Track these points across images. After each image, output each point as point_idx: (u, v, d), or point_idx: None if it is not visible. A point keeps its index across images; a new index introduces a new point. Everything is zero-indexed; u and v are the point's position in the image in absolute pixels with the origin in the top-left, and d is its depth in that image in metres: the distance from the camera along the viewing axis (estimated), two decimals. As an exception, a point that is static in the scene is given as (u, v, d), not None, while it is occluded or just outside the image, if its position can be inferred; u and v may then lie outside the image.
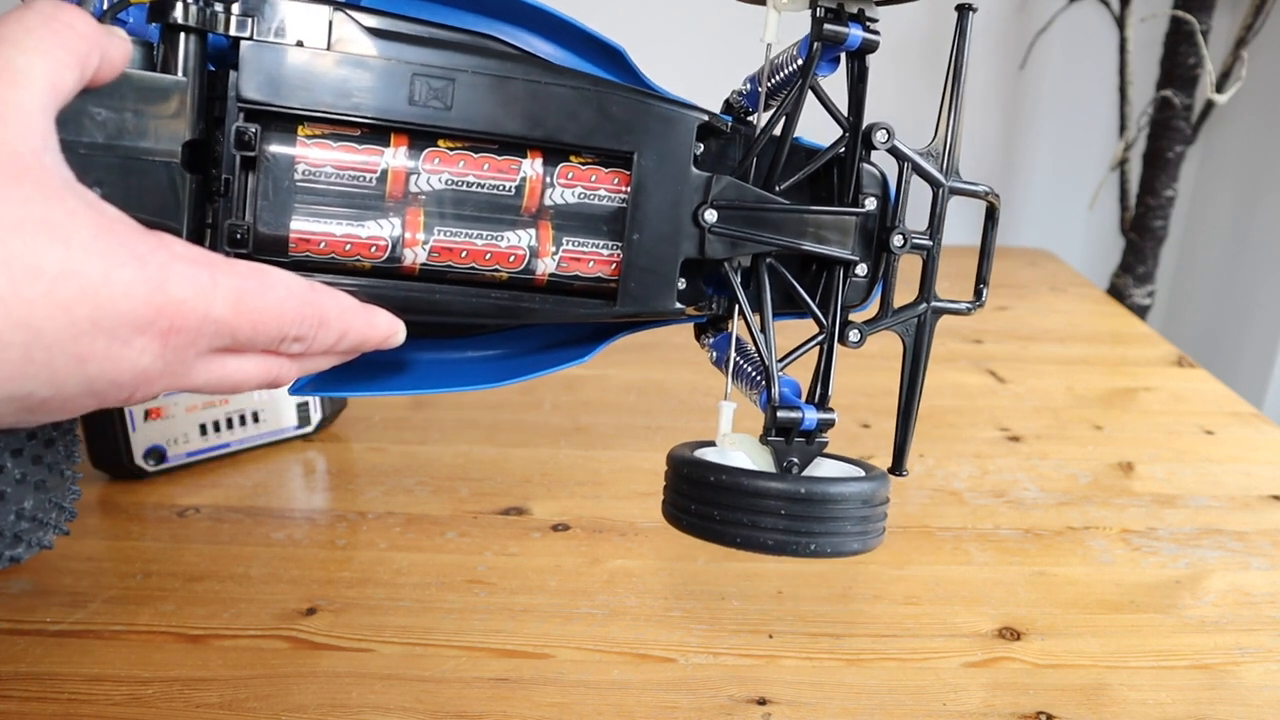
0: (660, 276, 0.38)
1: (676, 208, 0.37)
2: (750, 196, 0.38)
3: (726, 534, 0.35)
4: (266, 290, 0.30)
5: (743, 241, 0.38)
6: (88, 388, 0.27)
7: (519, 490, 0.66)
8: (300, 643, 0.50)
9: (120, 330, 0.26)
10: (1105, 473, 0.70)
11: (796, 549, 0.35)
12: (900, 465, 0.41)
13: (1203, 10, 1.19)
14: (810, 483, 0.35)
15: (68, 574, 0.55)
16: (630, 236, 0.37)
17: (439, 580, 0.55)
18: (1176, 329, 1.51)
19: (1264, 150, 1.36)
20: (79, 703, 0.45)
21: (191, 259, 0.28)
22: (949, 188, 0.39)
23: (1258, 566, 0.59)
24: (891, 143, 0.38)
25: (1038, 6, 1.38)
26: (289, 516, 0.62)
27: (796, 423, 0.37)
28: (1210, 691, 0.48)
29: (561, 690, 0.47)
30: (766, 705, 0.46)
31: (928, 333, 0.41)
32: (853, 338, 0.40)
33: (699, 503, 0.36)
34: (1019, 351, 0.95)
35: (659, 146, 0.36)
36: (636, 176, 0.36)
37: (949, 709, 0.46)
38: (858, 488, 0.36)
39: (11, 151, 0.25)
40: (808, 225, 0.39)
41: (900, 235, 0.39)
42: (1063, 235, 1.51)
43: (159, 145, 0.31)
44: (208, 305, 0.28)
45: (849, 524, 0.35)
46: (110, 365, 0.27)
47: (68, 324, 0.25)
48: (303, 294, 0.31)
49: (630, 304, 0.38)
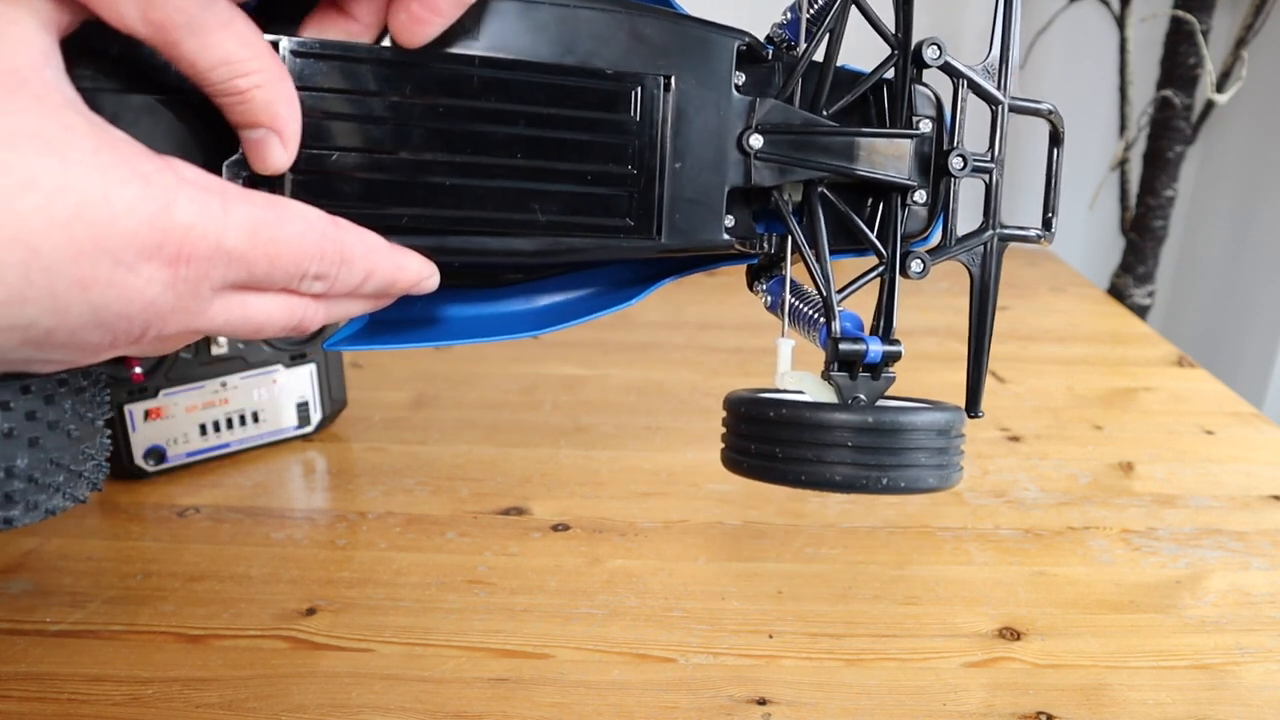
0: (706, 207, 0.36)
1: (720, 134, 0.36)
2: (797, 119, 0.36)
3: (790, 472, 0.33)
4: (284, 222, 0.28)
5: (791, 167, 0.36)
6: (94, 318, 0.26)
7: (519, 490, 0.66)
8: (300, 643, 0.50)
9: (124, 254, 0.25)
10: (1105, 473, 0.70)
11: (867, 484, 0.33)
12: (975, 405, 0.39)
13: (1203, 10, 1.19)
14: (880, 412, 0.33)
15: (68, 574, 0.55)
16: (672, 165, 0.35)
17: (439, 580, 0.55)
18: (1176, 329, 1.51)
19: (1264, 150, 1.36)
20: (79, 703, 0.45)
21: (201, 184, 0.27)
22: (1008, 104, 0.37)
23: (1258, 566, 0.59)
24: (944, 59, 0.36)
25: (1038, 6, 1.38)
26: (289, 516, 0.62)
27: (860, 355, 0.35)
28: (1210, 691, 0.48)
29: (561, 690, 0.47)
30: (766, 705, 0.46)
31: (995, 262, 0.39)
32: (915, 268, 0.37)
33: (759, 441, 0.34)
34: (1019, 351, 0.95)
35: (697, 71, 0.35)
36: (675, 102, 0.35)
37: (949, 709, 0.46)
38: (931, 416, 0.34)
39: (8, 65, 0.24)
40: (860, 150, 0.37)
41: (960, 157, 0.37)
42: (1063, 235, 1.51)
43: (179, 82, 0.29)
44: (219, 233, 0.27)
45: (924, 455, 0.33)
46: (116, 293, 0.26)
47: (67, 242, 0.24)
48: (324, 229, 0.30)
49: (676, 237, 0.36)
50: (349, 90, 0.31)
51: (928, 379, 0.85)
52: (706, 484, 0.67)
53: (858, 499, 0.65)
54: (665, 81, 0.35)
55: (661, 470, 0.68)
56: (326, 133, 0.31)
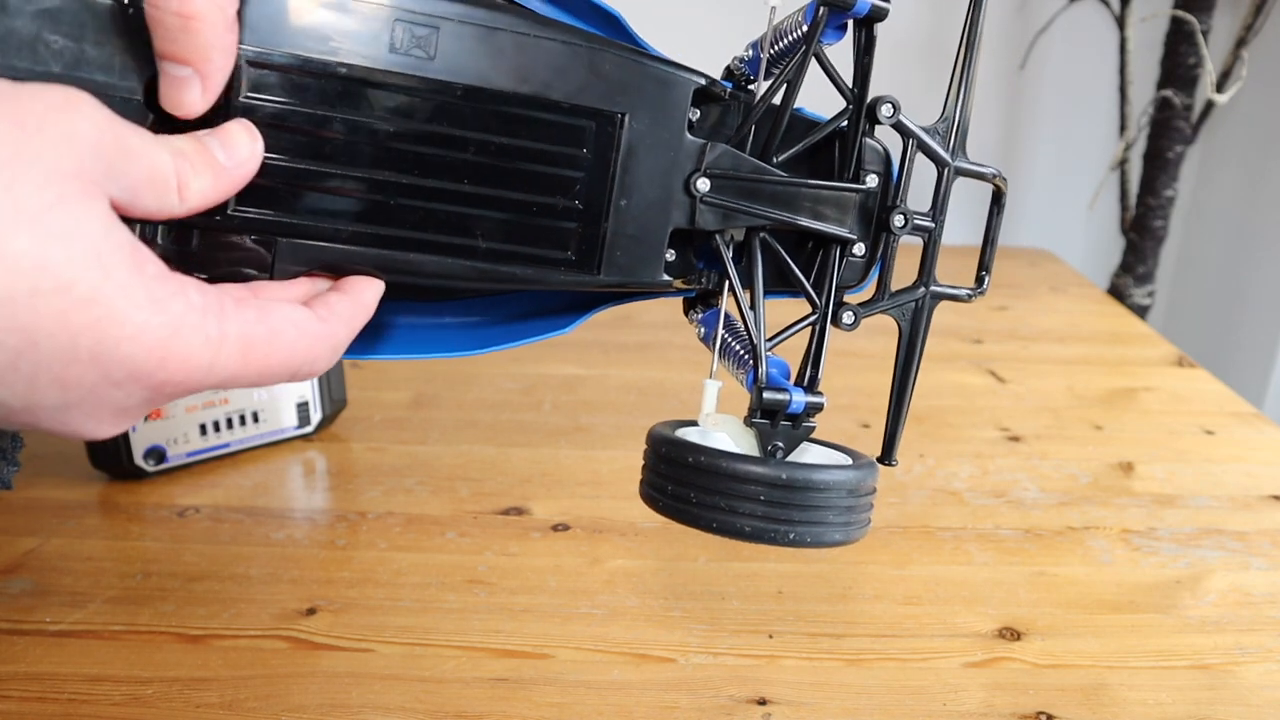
0: (648, 246, 0.36)
1: (668, 175, 0.36)
2: (746, 166, 0.36)
3: (702, 518, 0.34)
4: (275, 337, 0.29)
5: (736, 213, 0.37)
6: (59, 415, 0.27)
7: (519, 490, 0.66)
8: (300, 643, 0.49)
9: (116, 372, 0.26)
10: (1105, 473, 0.70)
11: (775, 537, 0.33)
12: (890, 454, 0.40)
13: (1203, 10, 1.19)
14: (793, 468, 0.34)
15: (68, 574, 0.55)
16: (618, 202, 0.35)
17: (439, 580, 0.55)
18: (1176, 329, 1.51)
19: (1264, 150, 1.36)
20: (79, 703, 0.45)
21: (205, 309, 0.27)
22: (955, 168, 0.38)
23: (1258, 566, 0.59)
24: (897, 117, 0.37)
25: (1038, 6, 1.38)
26: (289, 516, 0.62)
27: (783, 405, 0.36)
28: (1210, 691, 0.48)
29: (561, 690, 0.47)
30: (766, 705, 0.46)
31: (925, 318, 0.40)
32: (846, 319, 0.38)
33: (676, 483, 0.35)
34: (1019, 351, 0.95)
35: (651, 110, 0.35)
36: (626, 140, 0.35)
37: (949, 709, 0.46)
38: (843, 475, 0.34)
39: (75, 168, 0.25)
40: (805, 200, 0.37)
41: (901, 215, 0.38)
42: (1063, 235, 1.51)
43: (120, 80, 0.29)
44: (212, 361, 0.27)
45: (832, 513, 0.34)
46: (91, 400, 0.26)
47: (68, 348, 0.25)
48: (315, 329, 0.30)
49: (615, 273, 0.36)
50: (298, 103, 0.31)
51: (925, 379, 0.85)
52: (706, 484, 0.67)
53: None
54: (620, 119, 0.35)
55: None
56: (273, 143, 0.31)
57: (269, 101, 0.31)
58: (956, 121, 0.38)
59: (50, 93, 0.25)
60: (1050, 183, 1.49)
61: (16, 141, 0.24)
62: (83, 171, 0.25)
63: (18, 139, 0.24)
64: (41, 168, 0.24)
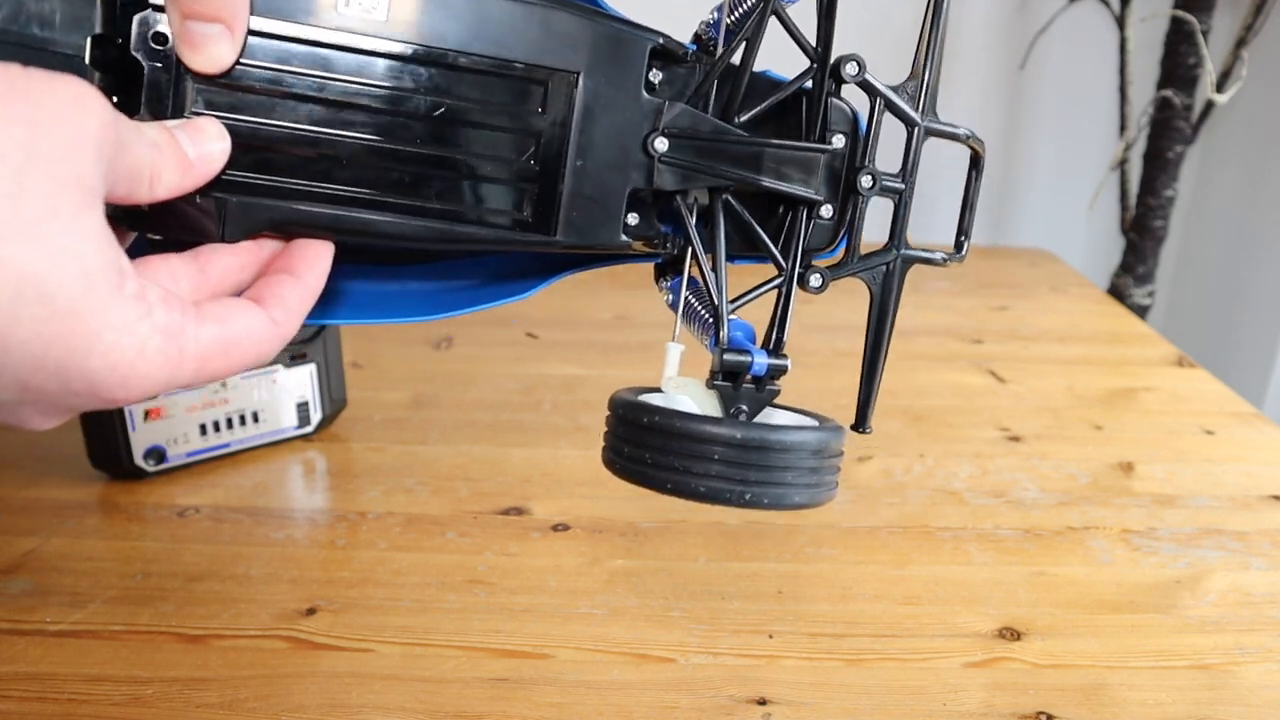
0: (605, 207, 0.36)
1: (625, 135, 0.35)
2: (705, 126, 0.36)
3: (657, 479, 0.34)
4: (230, 349, 0.29)
5: (695, 174, 0.36)
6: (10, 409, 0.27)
7: (519, 490, 0.66)
8: (300, 643, 0.50)
9: (77, 384, 0.26)
10: (1105, 473, 0.70)
11: (730, 498, 0.33)
12: (864, 422, 0.39)
13: (1203, 10, 1.19)
14: (749, 428, 0.33)
15: (68, 574, 0.55)
16: (574, 163, 0.35)
17: (439, 580, 0.55)
18: (1176, 329, 1.51)
19: (1264, 150, 1.36)
20: (79, 703, 0.45)
21: (168, 330, 0.27)
22: (925, 127, 0.37)
23: (1258, 566, 0.59)
24: (862, 75, 0.36)
25: (1038, 6, 1.38)
26: (289, 516, 0.62)
27: (744, 366, 0.35)
28: (1210, 691, 0.48)
29: (561, 690, 0.47)
30: (766, 705, 0.46)
31: (897, 283, 0.39)
32: (814, 282, 0.38)
33: (633, 445, 0.34)
34: (1019, 351, 0.95)
35: (607, 68, 0.35)
36: (581, 99, 0.34)
37: (949, 709, 0.46)
38: (803, 436, 0.33)
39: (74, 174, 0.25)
40: (768, 161, 0.36)
41: (869, 175, 0.37)
42: (1063, 235, 1.51)
43: (63, 36, 0.29)
44: (169, 378, 0.28)
45: (792, 474, 0.33)
46: (46, 402, 0.27)
47: (38, 356, 0.25)
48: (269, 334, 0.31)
49: (572, 235, 0.36)
50: (248, 64, 0.31)
51: (925, 378, 0.85)
52: (706, 484, 0.67)
53: (859, 499, 0.65)
54: (575, 78, 0.34)
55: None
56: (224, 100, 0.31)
57: None
58: (926, 80, 0.37)
59: (63, 87, 0.25)
60: (1050, 183, 1.49)
61: (29, 145, 0.24)
62: (84, 178, 0.25)
63: (30, 142, 0.24)
64: (49, 176, 0.24)
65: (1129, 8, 1.24)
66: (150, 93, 0.31)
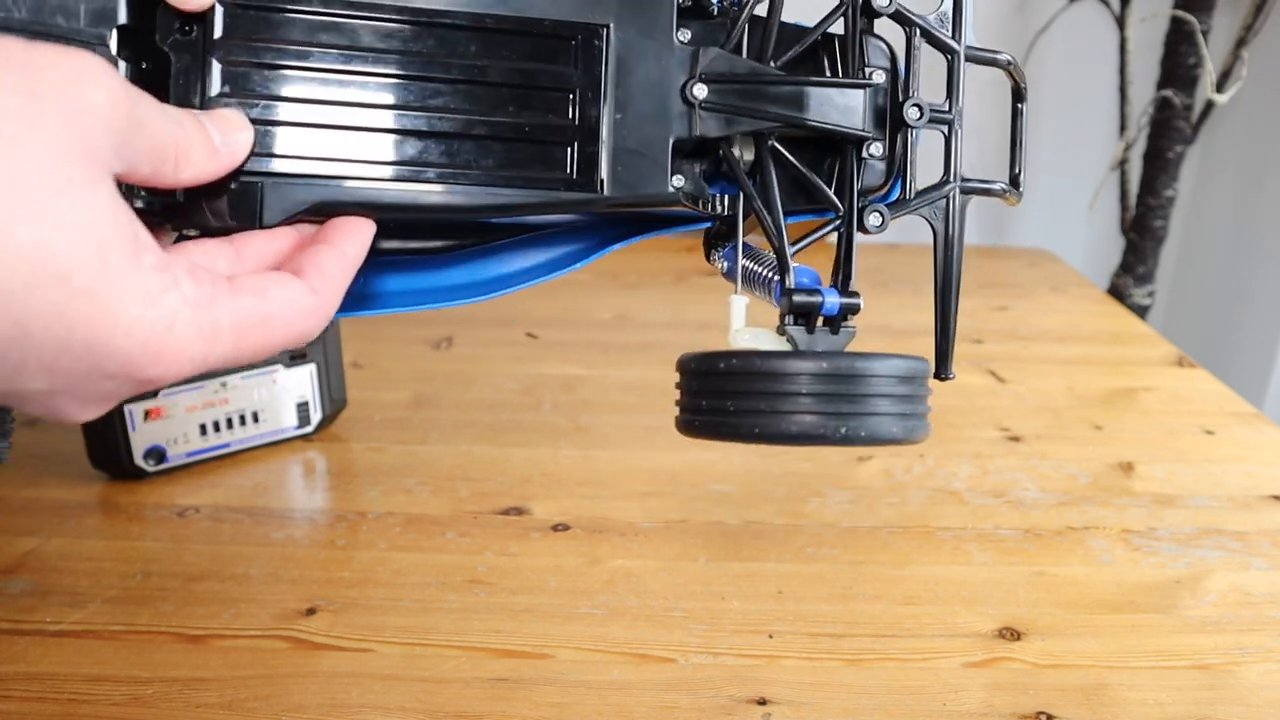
0: (650, 159, 0.35)
1: (662, 85, 0.35)
2: (742, 68, 0.35)
3: (743, 426, 0.32)
4: (269, 320, 0.28)
5: (738, 116, 0.35)
6: (45, 399, 0.26)
7: (519, 490, 0.66)
8: (300, 643, 0.50)
9: (108, 364, 0.25)
10: (1105, 473, 0.70)
11: (825, 434, 0.31)
12: (946, 367, 0.38)
13: (1203, 10, 1.19)
14: (834, 357, 0.31)
15: (68, 574, 0.55)
16: (613, 117, 0.35)
17: (439, 580, 0.55)
18: (1176, 329, 1.51)
19: (1264, 150, 1.36)
20: (79, 703, 0.45)
21: (198, 303, 0.26)
22: (964, 53, 0.36)
23: (1258, 566, 0.59)
24: (895, 6, 0.35)
25: (1038, 6, 1.38)
26: (289, 516, 0.62)
27: (816, 306, 0.34)
28: (1210, 692, 0.48)
29: (561, 690, 0.47)
30: (766, 705, 0.46)
31: (959, 216, 0.37)
32: (873, 221, 0.36)
33: (710, 397, 0.32)
34: (1019, 351, 0.95)
35: (638, 19, 0.34)
36: (614, 52, 0.34)
37: (949, 709, 0.46)
38: (891, 362, 0.32)
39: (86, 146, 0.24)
40: (810, 100, 0.35)
41: (916, 107, 0.36)
42: (1063, 235, 1.51)
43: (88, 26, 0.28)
44: (206, 352, 0.27)
45: (885, 403, 0.31)
46: (81, 387, 0.26)
47: (62, 339, 0.24)
48: (309, 304, 0.30)
49: (619, 189, 0.35)
50: (277, 37, 0.31)
51: (928, 379, 0.85)
52: (706, 484, 0.67)
53: (859, 499, 0.65)
54: (604, 31, 0.34)
55: (661, 470, 0.68)
56: (254, 81, 0.31)
57: (243, 41, 0.31)
58: (961, 5, 0.36)
59: (65, 59, 0.24)
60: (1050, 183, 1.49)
61: (29, 115, 0.23)
62: (92, 150, 0.24)
63: (31, 113, 0.23)
64: (52, 147, 0.23)
65: (1129, 8, 1.24)
66: (178, 81, 0.30)
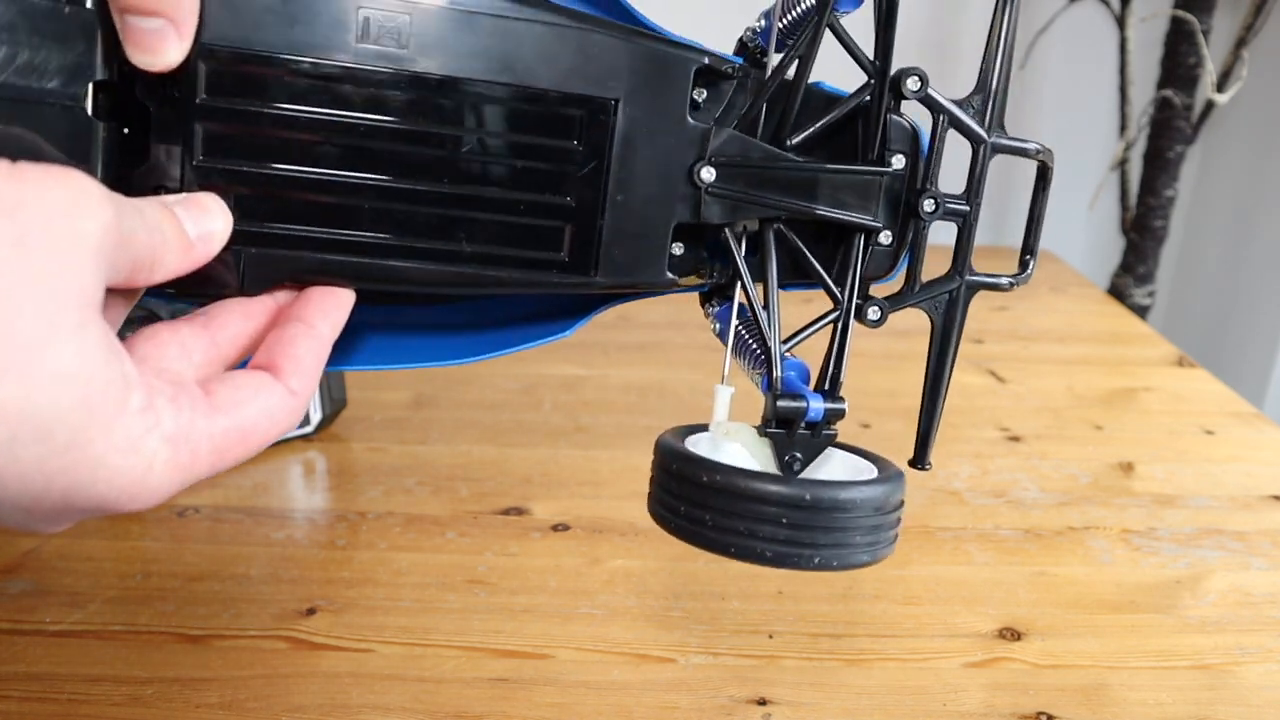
0: (649, 244, 0.33)
1: (669, 165, 0.33)
2: (755, 152, 0.33)
3: (720, 542, 0.32)
4: (248, 434, 0.28)
5: (745, 205, 0.33)
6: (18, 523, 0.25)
7: (519, 490, 0.66)
8: (300, 643, 0.49)
9: (85, 505, 0.24)
10: (1105, 473, 0.70)
11: (798, 561, 0.31)
12: (923, 457, 0.37)
13: (1203, 10, 1.19)
14: (817, 487, 0.31)
15: (67, 574, 0.55)
16: (614, 198, 0.33)
17: (439, 580, 0.55)
18: (1176, 329, 1.51)
19: (1264, 150, 1.36)
20: (79, 703, 0.45)
21: (176, 439, 0.25)
22: (991, 144, 0.34)
23: (1258, 566, 0.59)
24: (925, 91, 0.33)
25: (1038, 6, 1.38)
26: (289, 516, 0.62)
27: (800, 413, 0.33)
28: (1210, 692, 0.48)
29: (561, 690, 0.47)
30: (766, 705, 0.46)
31: (960, 311, 0.36)
32: (872, 315, 0.35)
33: (690, 504, 0.32)
34: (1019, 351, 0.95)
35: (648, 94, 0.32)
36: (621, 129, 0.32)
37: (949, 709, 0.46)
38: (870, 492, 0.32)
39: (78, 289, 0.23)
40: (823, 186, 0.34)
41: (932, 199, 0.34)
42: (1063, 235, 1.51)
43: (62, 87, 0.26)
44: (183, 480, 0.26)
45: (858, 534, 0.31)
46: (55, 519, 0.25)
47: (40, 488, 0.23)
48: (287, 408, 0.29)
49: (614, 274, 0.34)
50: (260, 102, 0.29)
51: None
52: (706, 484, 0.66)
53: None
54: (613, 105, 0.32)
55: (661, 470, 0.68)
56: (239, 144, 0.29)
57: (228, 102, 0.29)
58: (994, 92, 0.34)
59: (56, 189, 0.23)
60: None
61: (17, 269, 0.22)
62: (83, 290, 0.23)
63: (18, 267, 0.22)
64: (43, 296, 0.22)
65: (1129, 8, 1.24)
66: (158, 137, 0.29)
